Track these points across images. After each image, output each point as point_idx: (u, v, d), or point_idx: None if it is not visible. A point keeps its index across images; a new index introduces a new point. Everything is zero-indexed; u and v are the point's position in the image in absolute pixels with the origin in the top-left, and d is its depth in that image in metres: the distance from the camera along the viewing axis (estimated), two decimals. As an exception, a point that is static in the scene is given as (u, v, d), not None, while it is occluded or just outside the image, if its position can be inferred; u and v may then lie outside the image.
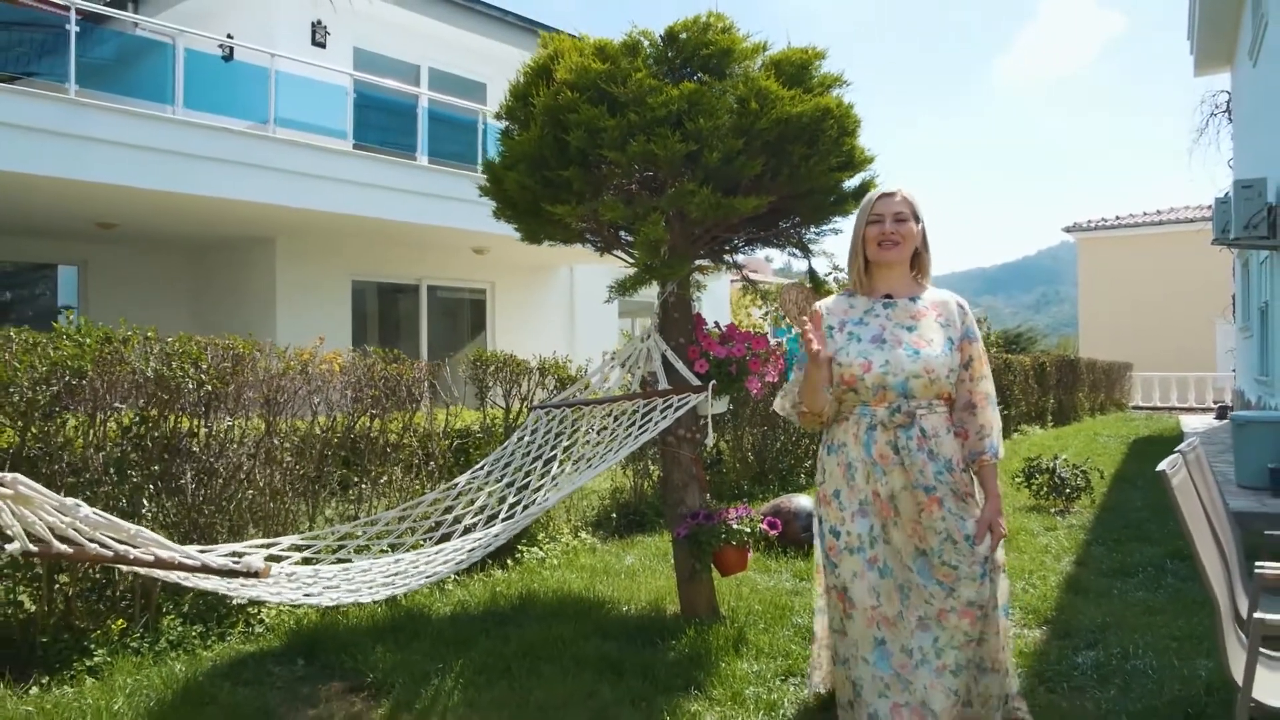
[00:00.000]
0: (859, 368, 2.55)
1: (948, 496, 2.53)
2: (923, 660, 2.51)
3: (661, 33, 4.16)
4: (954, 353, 2.59)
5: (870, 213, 2.65)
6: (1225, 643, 2.20)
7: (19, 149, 8.29)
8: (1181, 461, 2.56)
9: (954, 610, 2.53)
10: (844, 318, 2.67)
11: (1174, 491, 2.26)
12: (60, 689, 3.40)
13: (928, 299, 2.68)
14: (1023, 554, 5.66)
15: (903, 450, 2.53)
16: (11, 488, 1.98)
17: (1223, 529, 2.87)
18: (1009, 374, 13.08)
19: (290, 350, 4.58)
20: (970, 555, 2.53)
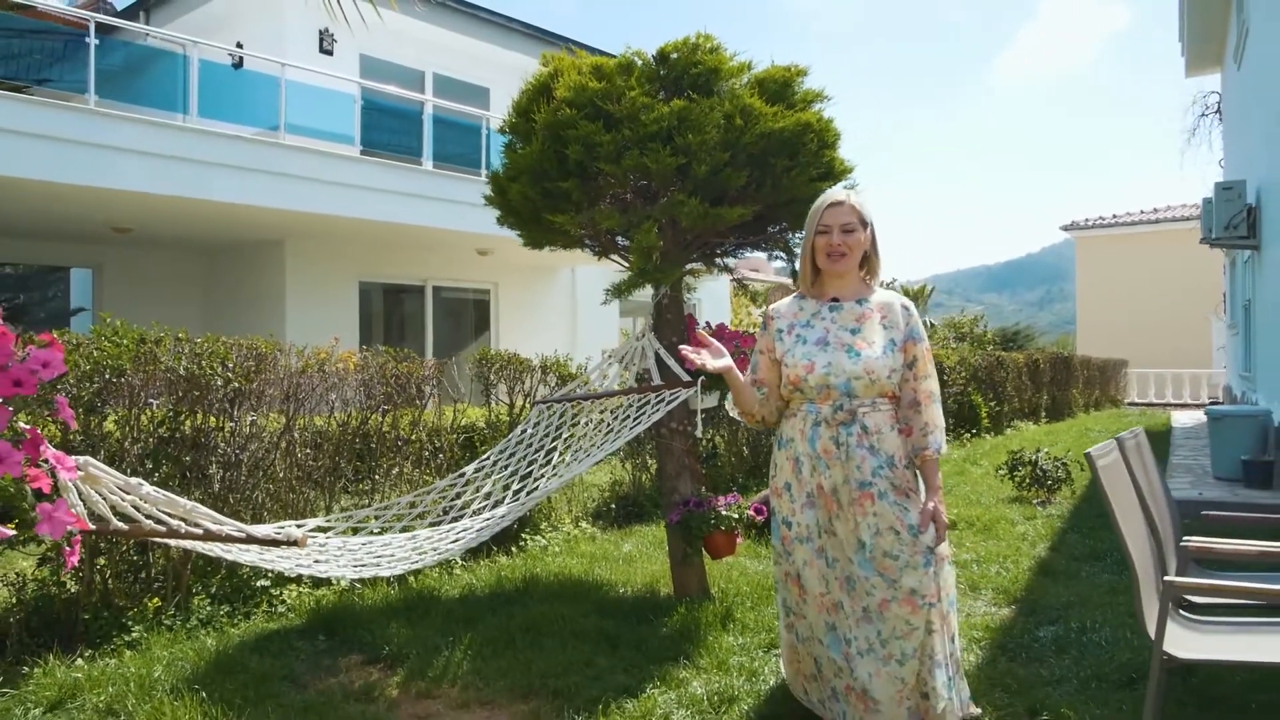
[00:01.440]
0: (803, 369, 2.68)
1: (888, 491, 2.64)
2: (868, 649, 2.63)
3: (654, 53, 4.48)
4: (896, 353, 2.70)
5: (819, 223, 2.74)
6: (1143, 604, 2.50)
7: (39, 157, 8.63)
8: (1115, 447, 2.86)
9: (896, 600, 2.63)
10: (793, 320, 2.80)
11: (1099, 472, 2.56)
12: (104, 660, 3.72)
13: (874, 301, 2.79)
14: (1000, 541, 5.96)
15: (843, 445, 2.64)
16: (83, 469, 2.29)
17: (1158, 508, 3.17)
18: (1001, 371, 13.37)
19: (309, 350, 4.89)
20: (912, 544, 2.63)
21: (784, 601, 2.86)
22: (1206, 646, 2.59)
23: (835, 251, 2.71)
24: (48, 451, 1.93)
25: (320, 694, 3.42)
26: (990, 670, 3.63)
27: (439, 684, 3.55)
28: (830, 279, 2.80)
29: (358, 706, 3.32)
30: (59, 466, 1.88)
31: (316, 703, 3.31)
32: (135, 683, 3.44)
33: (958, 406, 12.04)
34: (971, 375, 12.39)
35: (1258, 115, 9.41)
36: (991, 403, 12.91)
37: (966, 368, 12.27)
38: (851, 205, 2.73)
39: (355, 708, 3.30)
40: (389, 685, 3.56)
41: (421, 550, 3.38)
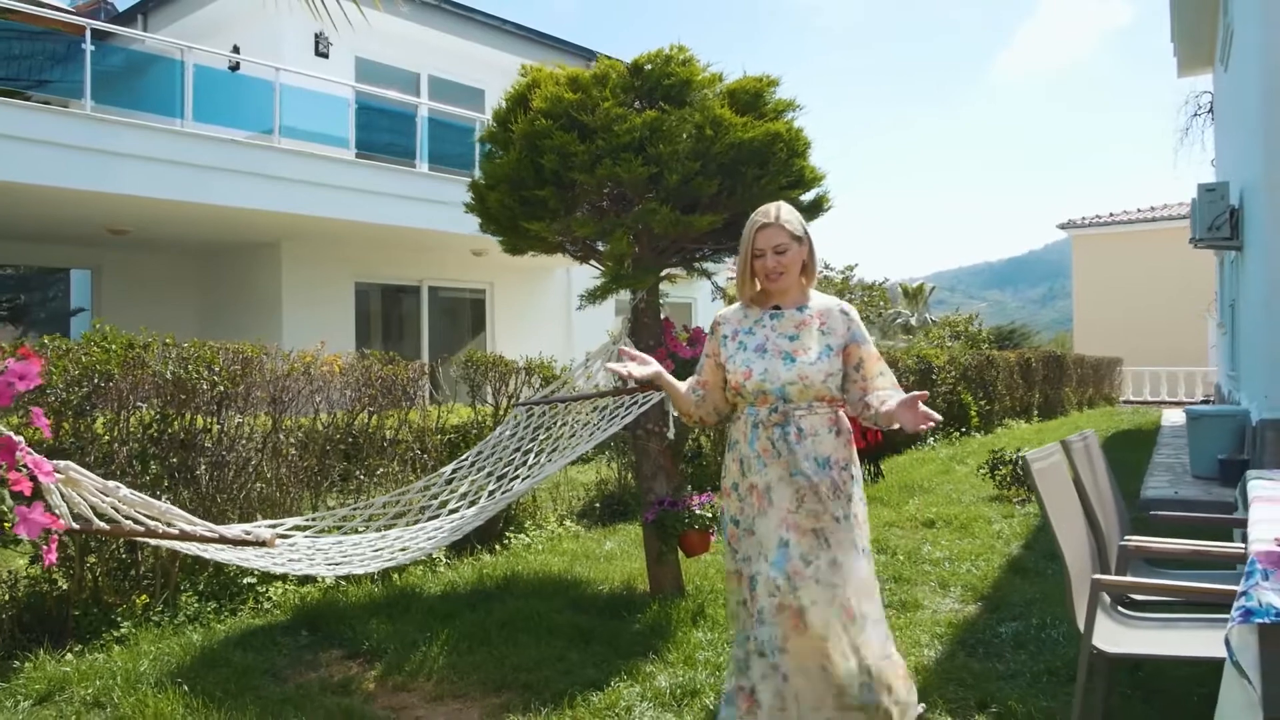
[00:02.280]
0: (742, 375, 2.77)
1: (828, 491, 2.69)
2: (777, 648, 2.65)
3: (629, 64, 4.60)
4: (833, 358, 2.76)
5: (752, 246, 2.80)
6: (1074, 601, 2.63)
7: (37, 161, 8.77)
8: (1057, 450, 2.98)
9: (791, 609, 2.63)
10: (737, 327, 2.88)
11: (1034, 476, 2.68)
12: (93, 655, 3.85)
13: (814, 307, 2.84)
14: (975, 539, 6.08)
15: (778, 444, 2.72)
16: (64, 473, 2.42)
17: (1104, 508, 3.29)
18: (991, 370, 13.48)
19: (294, 353, 5.02)
20: (850, 531, 2.71)
21: (734, 597, 2.86)
22: (1135, 641, 2.71)
23: (772, 274, 2.78)
24: (27, 457, 2.05)
25: (299, 687, 3.55)
26: (948, 665, 3.75)
27: (415, 678, 3.68)
28: (774, 291, 2.86)
29: (334, 699, 3.45)
30: (37, 471, 2.01)
31: (294, 696, 3.44)
32: (121, 676, 3.57)
33: (947, 406, 12.15)
34: (961, 374, 12.50)
35: (1242, 117, 9.51)
36: (981, 401, 13.03)
37: (956, 367, 12.38)
38: (780, 225, 2.78)
39: (332, 700, 3.43)
40: (366, 679, 3.69)
41: (393, 549, 3.50)
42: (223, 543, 2.61)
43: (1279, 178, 7.07)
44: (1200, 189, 9.58)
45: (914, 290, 31.29)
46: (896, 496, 7.71)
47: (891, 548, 5.83)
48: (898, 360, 10.99)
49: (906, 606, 4.59)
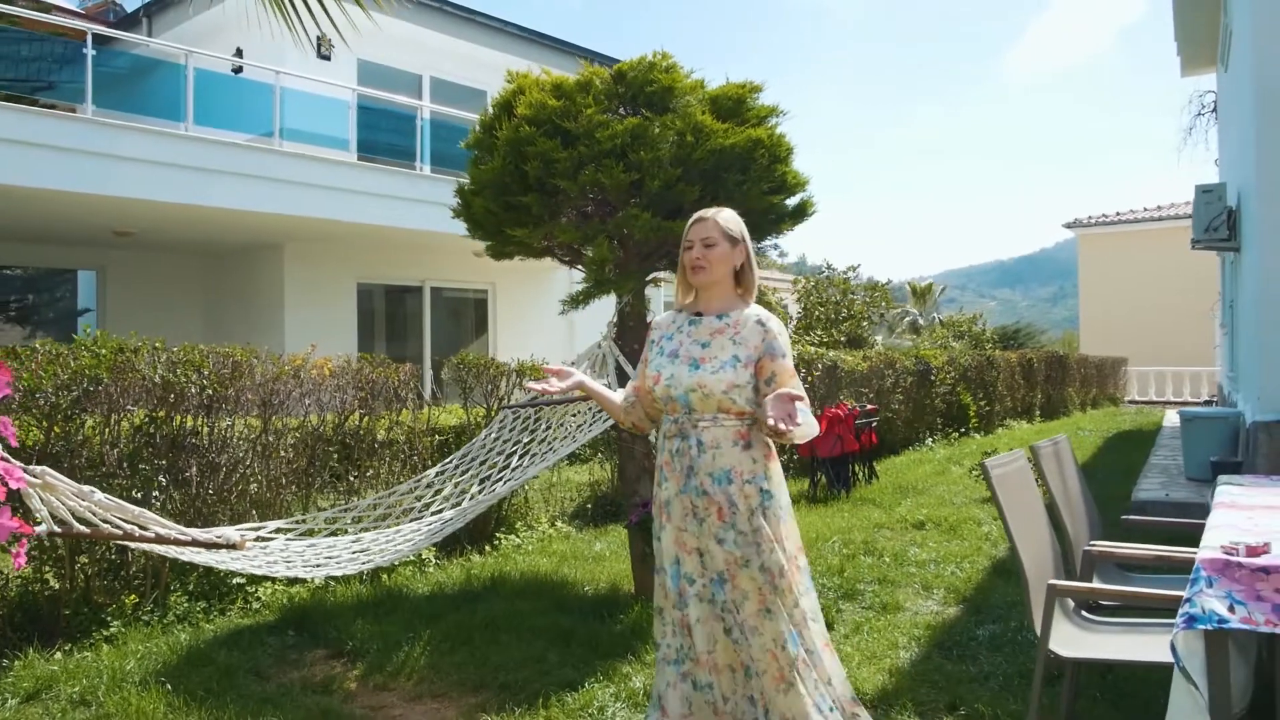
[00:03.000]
0: (652, 380, 2.75)
1: (725, 506, 2.61)
2: (675, 659, 2.70)
3: (612, 71, 4.65)
4: (739, 369, 2.64)
5: (685, 238, 2.79)
6: (1032, 605, 2.67)
7: (40, 165, 8.86)
8: (1019, 457, 3.02)
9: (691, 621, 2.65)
10: (664, 332, 2.85)
11: (992, 481, 2.72)
12: (81, 654, 3.93)
13: (734, 316, 2.75)
14: (964, 541, 6.11)
15: (677, 457, 2.67)
16: (40, 478, 2.48)
17: (1072, 512, 3.33)
18: (992, 370, 13.48)
19: (285, 357, 5.09)
20: (749, 547, 2.61)
21: (660, 612, 2.79)
22: (1093, 646, 2.75)
23: (695, 265, 2.73)
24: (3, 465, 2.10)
25: (281, 686, 3.62)
26: (922, 666, 3.79)
27: (396, 677, 3.74)
28: (701, 293, 2.81)
29: (315, 698, 3.51)
30: (8, 477, 2.06)
31: (275, 694, 3.51)
32: (108, 675, 3.64)
33: (946, 406, 12.17)
34: (960, 375, 12.51)
35: (1239, 117, 9.50)
36: (981, 402, 13.03)
37: (955, 368, 12.39)
38: (715, 222, 2.75)
39: (312, 699, 3.49)
40: (348, 678, 3.75)
41: (369, 552, 3.56)
42: (195, 545, 2.67)
43: (1271, 178, 7.07)
44: (1198, 190, 9.57)
45: (922, 289, 31.23)
46: (890, 498, 7.74)
47: (879, 550, 5.86)
48: (895, 361, 11.01)
49: (887, 609, 4.62)
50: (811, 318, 16.46)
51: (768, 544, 2.62)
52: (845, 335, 16.05)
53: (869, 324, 16.80)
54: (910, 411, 11.18)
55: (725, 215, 2.79)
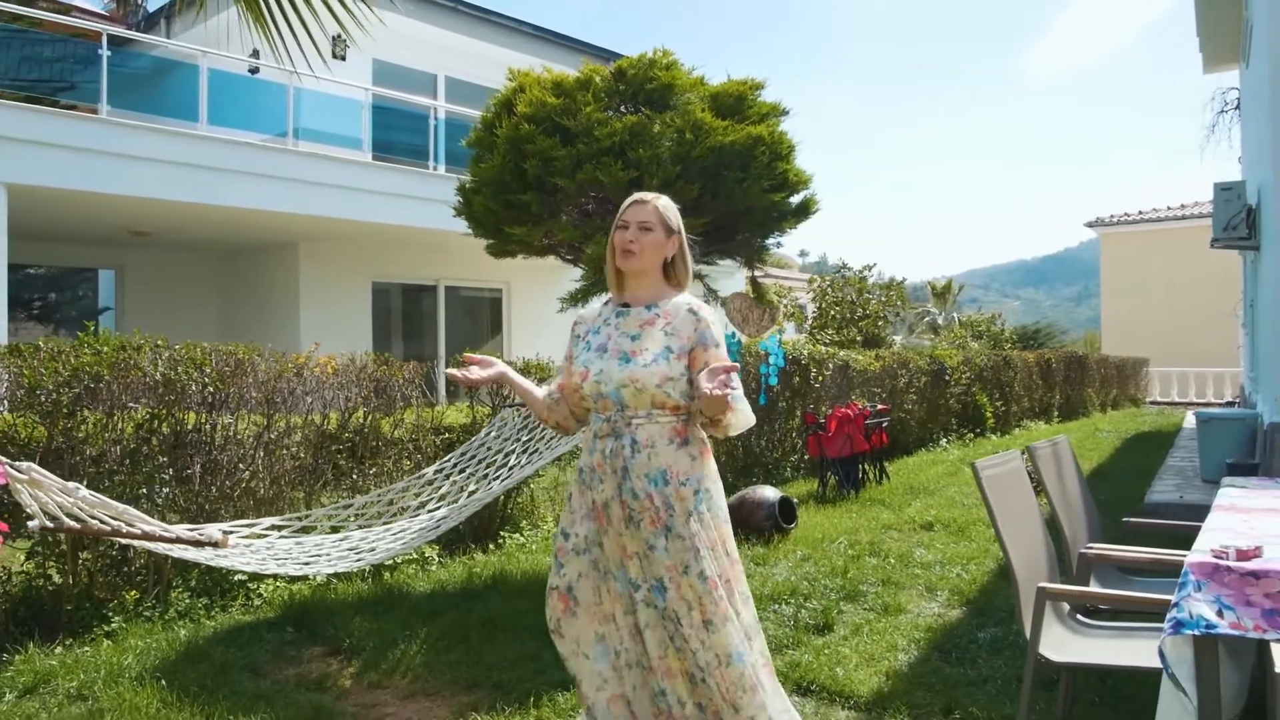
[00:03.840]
0: (579, 376, 2.60)
1: (661, 508, 2.49)
2: (635, 662, 2.60)
3: (612, 68, 4.64)
4: (673, 362, 2.52)
5: (619, 218, 2.64)
6: (1022, 608, 2.63)
7: (62, 165, 8.97)
8: (1014, 458, 2.98)
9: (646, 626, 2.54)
10: (589, 325, 2.71)
11: (983, 483, 2.68)
12: (81, 649, 3.95)
13: (664, 306, 2.62)
14: (971, 543, 6.05)
15: (611, 458, 2.53)
16: (27, 474, 2.50)
17: (1070, 514, 3.28)
18: (1009, 370, 13.35)
19: (287, 355, 5.11)
20: (685, 554, 2.50)
21: (548, 618, 2.68)
22: (1084, 650, 2.70)
23: (627, 248, 2.59)
24: (-19, 459, 2.12)
25: (275, 683, 3.63)
26: (920, 669, 3.75)
27: (390, 675, 3.74)
28: (629, 282, 2.67)
29: (309, 695, 3.52)
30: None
31: (269, 691, 3.52)
32: (105, 670, 3.66)
33: (961, 407, 12.07)
34: (977, 375, 12.40)
35: (1258, 114, 9.36)
36: (998, 403, 12.91)
37: (972, 368, 12.28)
38: (655, 207, 2.63)
39: (306, 696, 3.50)
40: (343, 676, 3.76)
41: (359, 552, 3.56)
42: (178, 543, 2.68)
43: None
44: (1217, 188, 9.45)
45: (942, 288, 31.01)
46: (899, 499, 7.68)
47: (885, 551, 5.81)
48: (908, 360, 10.93)
49: (889, 610, 4.58)
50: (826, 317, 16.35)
51: (706, 549, 2.50)
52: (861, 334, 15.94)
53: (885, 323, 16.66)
54: (924, 412, 11.10)
55: (664, 202, 2.68)
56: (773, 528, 6.14)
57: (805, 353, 9.09)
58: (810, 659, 3.84)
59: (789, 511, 6.36)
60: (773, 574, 5.24)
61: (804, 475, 8.80)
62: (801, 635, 4.18)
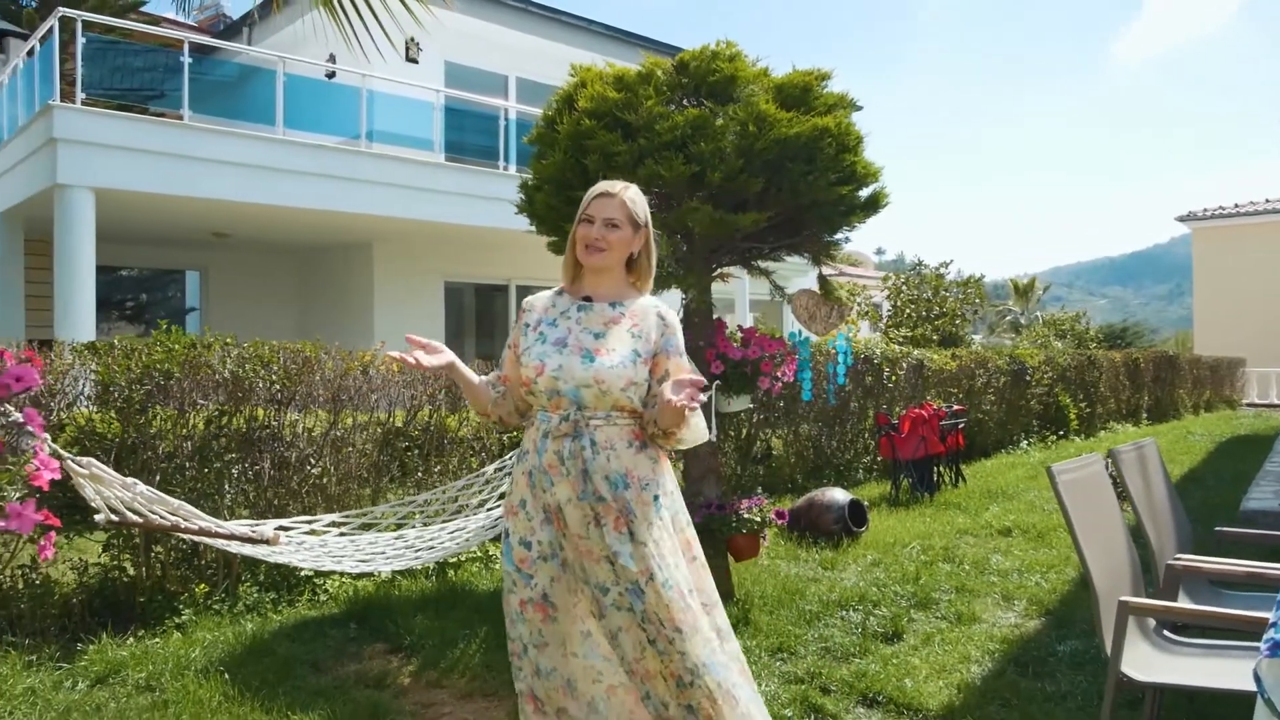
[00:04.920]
0: (534, 370, 2.42)
1: (624, 512, 2.37)
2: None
3: (674, 61, 4.55)
4: (639, 366, 2.41)
5: (584, 211, 2.51)
6: (1102, 622, 2.46)
7: (145, 170, 9.27)
8: (1094, 462, 2.80)
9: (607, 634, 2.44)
10: (542, 316, 2.53)
11: (1059, 488, 2.52)
12: (151, 640, 4.04)
13: (630, 306, 2.50)
14: (1051, 550, 5.80)
15: (568, 460, 2.37)
16: (88, 469, 2.54)
17: (1157, 523, 3.08)
18: (1093, 370, 12.85)
19: (354, 353, 5.16)
20: (647, 561, 2.37)
21: (520, 640, 2.49)
22: (1171, 669, 2.52)
23: (594, 245, 2.45)
24: (40, 457, 2.15)
25: (335, 680, 3.64)
26: (994, 683, 3.59)
27: (449, 674, 3.73)
28: (588, 275, 2.53)
29: (367, 693, 3.52)
30: (44, 468, 2.10)
31: (328, 688, 3.53)
32: (173, 661, 3.73)
33: (1043, 408, 11.65)
34: (1059, 375, 11.96)
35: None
36: (1082, 404, 12.44)
37: (1054, 368, 11.85)
38: (622, 200, 2.49)
39: (364, 694, 3.50)
40: (402, 674, 3.76)
41: (415, 550, 3.55)
42: (232, 539, 2.69)
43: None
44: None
45: (1025, 286, 30.11)
46: (976, 503, 7.42)
47: (958, 557, 5.61)
48: (987, 360, 10.59)
49: (963, 619, 4.40)
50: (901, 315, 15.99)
51: (672, 556, 2.39)
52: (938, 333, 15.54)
53: (963, 322, 16.21)
54: (1003, 413, 10.74)
55: (633, 194, 2.53)
56: (842, 531, 5.98)
57: (878, 352, 8.87)
58: (878, 669, 3.70)
59: (859, 515, 6.19)
60: (841, 579, 5.10)
61: (876, 478, 8.59)
62: (869, 644, 4.04)
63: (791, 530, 6.16)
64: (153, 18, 14.88)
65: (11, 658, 3.71)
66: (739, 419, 7.54)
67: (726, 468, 7.25)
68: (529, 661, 2.47)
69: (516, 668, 2.52)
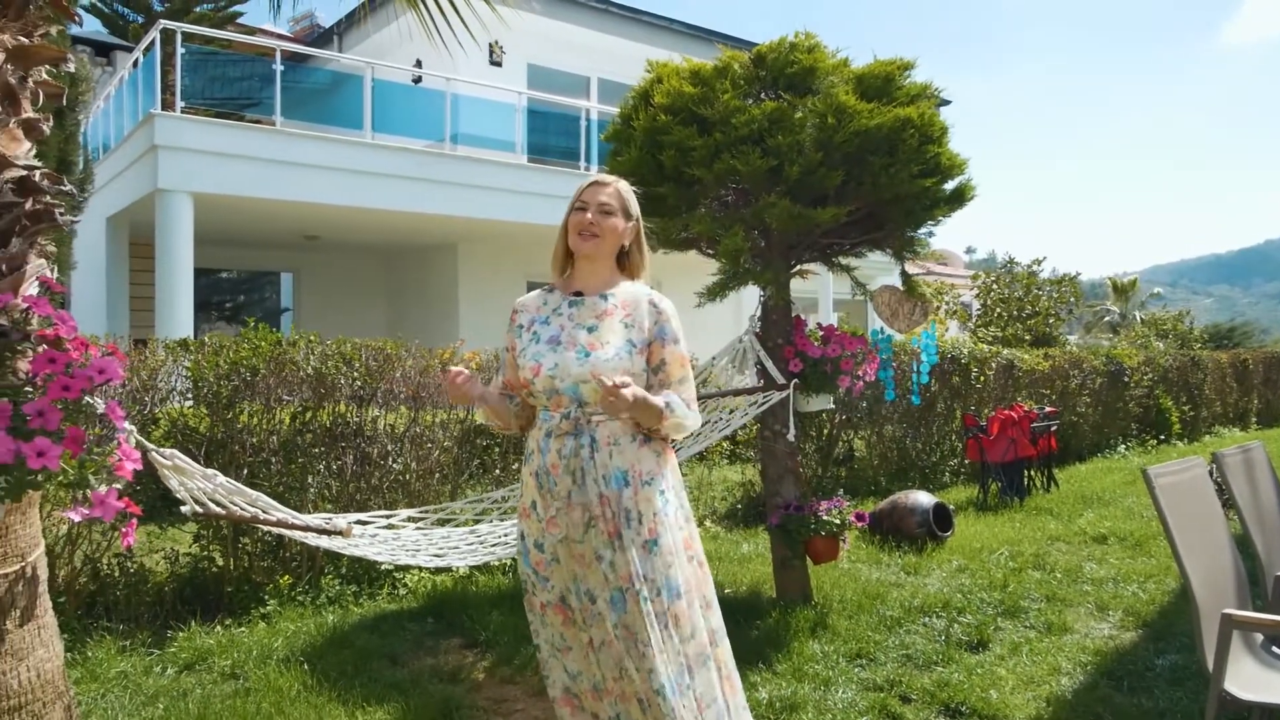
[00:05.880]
0: (530, 371, 2.38)
1: (617, 514, 2.31)
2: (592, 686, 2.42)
3: (751, 54, 4.47)
4: (635, 356, 2.38)
5: (577, 199, 2.49)
6: (1203, 636, 2.30)
7: (240, 174, 9.60)
8: (1195, 465, 2.64)
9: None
10: (534, 315, 2.51)
11: (1156, 492, 2.37)
12: (238, 629, 4.15)
13: (619, 297, 2.47)
14: (1150, 559, 5.52)
15: (569, 458, 2.33)
16: (171, 460, 2.61)
17: (1265, 531, 2.89)
18: (1197, 372, 12.24)
19: (433, 351, 5.22)
20: (651, 550, 2.32)
21: (549, 642, 2.46)
22: (1277, 688, 2.35)
23: (586, 230, 2.43)
24: (123, 448, 2.21)
25: (411, 673, 3.68)
26: (1085, 697, 3.42)
27: (522, 671, 3.73)
28: (581, 268, 2.51)
29: (441, 687, 3.54)
30: (126, 459, 2.16)
31: (404, 680, 3.57)
32: (257, 651, 3.83)
33: (1142, 411, 11.15)
34: (1160, 377, 11.43)
35: None
36: (1185, 407, 11.86)
37: (1154, 368, 11.33)
38: (617, 189, 2.50)
39: (438, 688, 3.53)
40: (477, 669, 3.78)
41: (488, 545, 3.56)
42: (308, 531, 2.73)
43: None
44: None
45: (1125, 285, 28.94)
46: (1069, 509, 7.13)
47: (1050, 564, 5.38)
48: (1081, 360, 10.19)
49: (1053, 629, 4.21)
50: (991, 315, 15.50)
51: (668, 556, 2.32)
52: (1030, 333, 15.02)
53: (1057, 321, 15.63)
54: (1099, 415, 10.31)
55: (624, 186, 2.54)
56: (926, 535, 5.81)
57: (965, 351, 8.60)
58: (961, 678, 3.56)
59: (944, 518, 6.00)
60: (924, 585, 4.95)
61: (964, 481, 8.33)
62: (952, 652, 3.90)
63: (873, 533, 6.01)
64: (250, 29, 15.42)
65: (107, 643, 3.86)
66: (820, 419, 7.40)
67: (807, 469, 7.13)
68: (558, 665, 2.45)
69: (545, 674, 2.50)
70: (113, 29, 14.88)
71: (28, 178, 2.17)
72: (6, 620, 2.06)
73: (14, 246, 2.15)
